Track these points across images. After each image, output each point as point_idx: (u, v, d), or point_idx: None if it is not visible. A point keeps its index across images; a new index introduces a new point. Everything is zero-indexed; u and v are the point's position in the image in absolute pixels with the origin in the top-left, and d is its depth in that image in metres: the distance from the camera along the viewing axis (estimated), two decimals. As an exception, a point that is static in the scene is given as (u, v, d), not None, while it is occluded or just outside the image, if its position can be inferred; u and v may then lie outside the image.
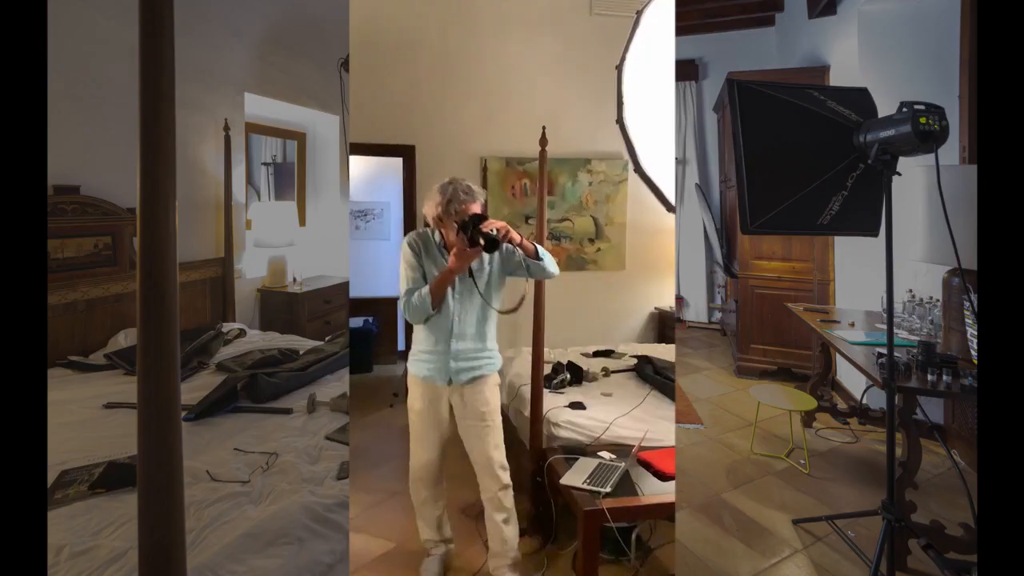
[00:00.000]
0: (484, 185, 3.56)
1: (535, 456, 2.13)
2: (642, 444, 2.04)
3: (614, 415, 2.29)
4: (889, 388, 1.63)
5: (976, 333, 1.93)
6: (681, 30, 5.43)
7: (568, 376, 2.67)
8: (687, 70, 5.63)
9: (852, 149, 1.69)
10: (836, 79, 3.62)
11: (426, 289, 1.75)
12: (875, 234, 1.77)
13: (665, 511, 1.87)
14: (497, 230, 1.65)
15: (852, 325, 2.61)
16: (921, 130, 1.46)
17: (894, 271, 1.63)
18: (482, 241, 1.63)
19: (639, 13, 1.11)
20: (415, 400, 1.90)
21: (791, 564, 1.94)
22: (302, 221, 4.63)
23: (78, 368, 2.59)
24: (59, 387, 2.34)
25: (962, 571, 1.68)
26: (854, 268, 3.42)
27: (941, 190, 1.52)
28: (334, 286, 4.20)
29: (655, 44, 1.09)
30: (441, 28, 3.59)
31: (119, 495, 1.53)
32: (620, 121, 1.09)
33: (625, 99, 1.09)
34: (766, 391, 2.77)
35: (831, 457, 2.73)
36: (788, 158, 1.67)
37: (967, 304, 1.96)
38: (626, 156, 1.09)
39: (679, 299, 5.70)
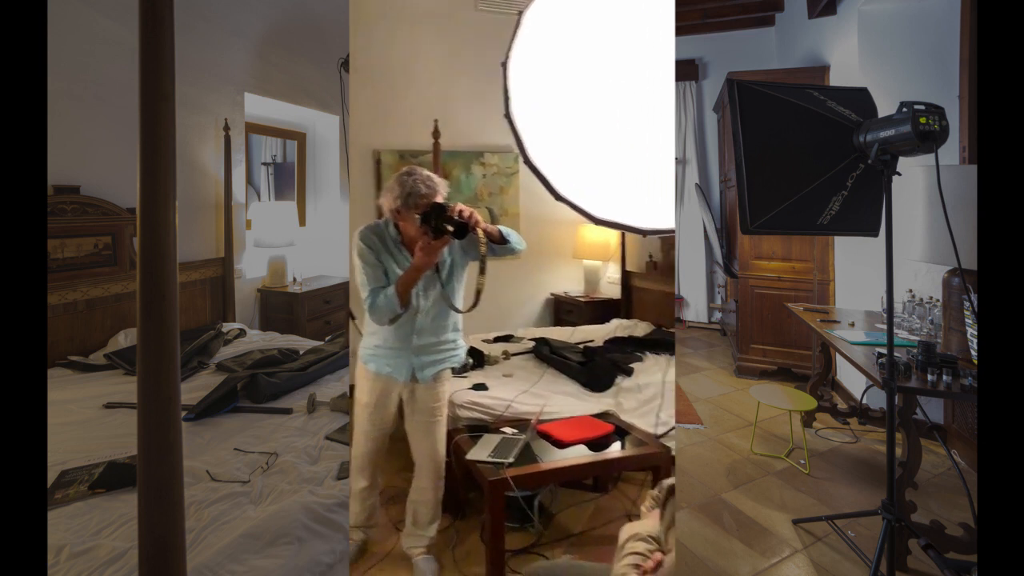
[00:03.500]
0: (377, 178, 3.58)
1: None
2: (540, 417, 2.16)
3: (514, 393, 2.40)
4: (889, 388, 1.63)
5: (976, 333, 1.93)
6: (681, 30, 5.43)
7: (471, 361, 2.76)
8: (687, 70, 5.63)
9: (852, 149, 1.69)
10: (836, 79, 3.62)
11: (392, 289, 1.68)
12: (875, 234, 1.77)
13: (563, 475, 2.01)
14: (462, 214, 1.58)
15: (852, 325, 2.61)
16: (921, 130, 1.46)
17: (894, 271, 1.63)
18: (450, 228, 1.58)
19: (520, 14, 1.16)
20: (363, 394, 1.86)
21: (791, 564, 1.94)
22: (302, 221, 4.63)
23: (78, 368, 2.59)
24: (59, 387, 2.34)
25: (962, 571, 1.68)
26: (854, 268, 3.42)
27: (941, 190, 1.52)
28: (334, 286, 4.20)
29: (544, 42, 1.15)
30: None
31: (119, 495, 1.53)
32: (508, 115, 1.13)
33: (512, 94, 1.13)
34: (766, 391, 2.77)
35: (831, 457, 2.73)
36: (788, 158, 1.67)
37: (967, 304, 1.96)
38: (516, 149, 1.12)
39: (679, 299, 5.70)
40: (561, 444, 2.07)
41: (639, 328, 3.59)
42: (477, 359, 2.82)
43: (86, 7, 2.78)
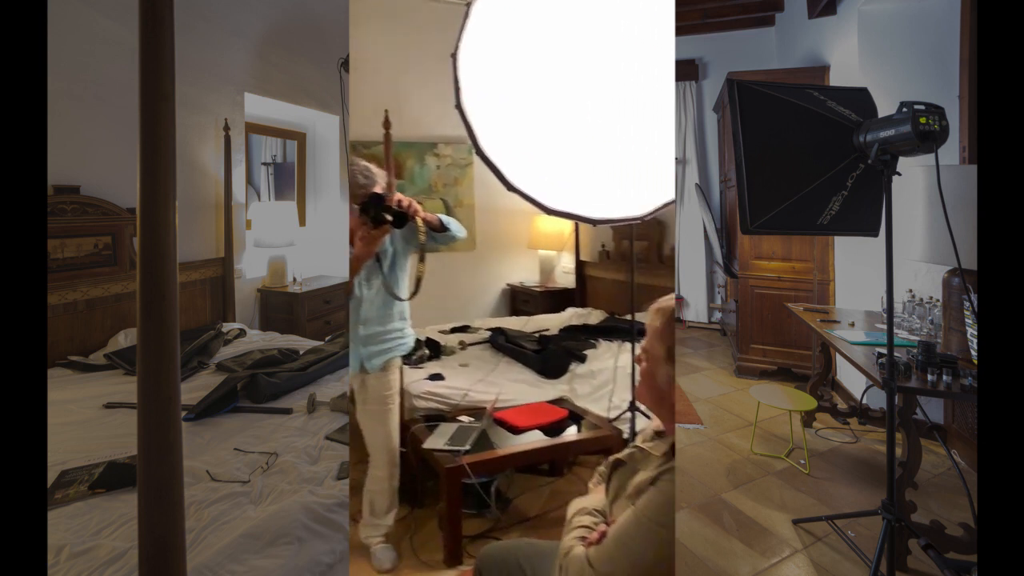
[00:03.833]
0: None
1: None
2: (496, 405, 2.19)
3: (471, 382, 2.44)
4: (889, 388, 1.63)
5: (976, 333, 1.93)
6: (681, 30, 5.43)
7: (427, 352, 2.80)
8: (687, 70, 5.63)
9: (852, 149, 1.69)
10: (836, 79, 3.62)
11: None
12: (875, 234, 1.77)
13: (519, 460, 2.05)
14: (401, 203, 1.59)
15: (852, 325, 2.61)
16: (921, 130, 1.46)
17: (894, 271, 1.63)
18: (389, 218, 1.58)
19: (469, 5, 1.16)
20: None
21: (791, 564, 1.94)
22: (302, 221, 4.63)
23: (78, 368, 2.59)
24: (59, 387, 2.34)
25: (962, 571, 1.68)
26: (854, 268, 3.42)
27: (941, 190, 1.52)
28: (334, 286, 4.20)
29: (493, 33, 1.16)
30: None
31: (119, 495, 1.53)
32: (459, 106, 1.13)
33: (463, 85, 1.13)
34: (766, 391, 2.77)
35: (831, 457, 2.73)
36: (788, 158, 1.67)
37: (967, 304, 1.96)
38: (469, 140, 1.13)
39: (679, 299, 5.70)
40: (517, 430, 2.11)
41: (593, 316, 3.66)
42: (434, 350, 2.85)
43: (86, 7, 2.78)
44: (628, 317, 3.14)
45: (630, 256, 1.91)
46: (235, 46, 3.74)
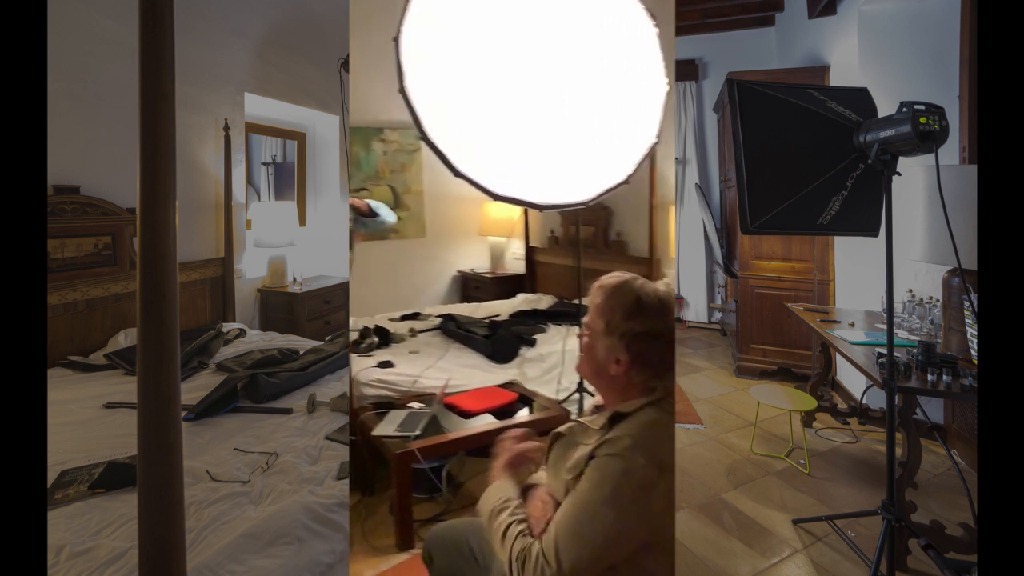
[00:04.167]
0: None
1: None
2: (446, 390, 2.20)
3: (421, 369, 2.44)
4: (889, 388, 1.63)
5: (976, 333, 1.93)
6: (681, 30, 5.43)
7: (376, 339, 2.80)
8: (687, 70, 5.63)
9: (852, 149, 1.69)
10: (836, 79, 3.62)
11: None
12: (875, 234, 1.77)
13: (469, 443, 2.05)
14: None
15: (852, 325, 2.61)
16: (921, 130, 1.46)
17: (894, 271, 1.63)
18: None
19: None
20: None
21: (791, 564, 1.94)
22: (302, 221, 4.63)
23: (78, 368, 2.59)
24: (59, 387, 2.34)
25: (962, 571, 1.68)
26: (854, 268, 3.42)
27: (941, 190, 1.52)
28: (334, 286, 4.20)
29: (436, 16, 1.15)
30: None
31: (119, 495, 1.53)
32: (402, 90, 1.11)
33: (405, 69, 1.11)
34: (766, 391, 2.77)
35: (831, 457, 2.73)
36: (788, 158, 1.67)
37: (967, 304, 1.96)
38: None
39: (679, 299, 5.70)
40: (467, 414, 2.12)
41: (543, 301, 3.70)
42: (383, 338, 2.86)
43: (86, 7, 2.78)
44: (576, 301, 3.17)
45: (577, 242, 1.93)
46: (235, 46, 3.74)
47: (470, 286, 4.20)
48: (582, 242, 3.62)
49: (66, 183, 2.71)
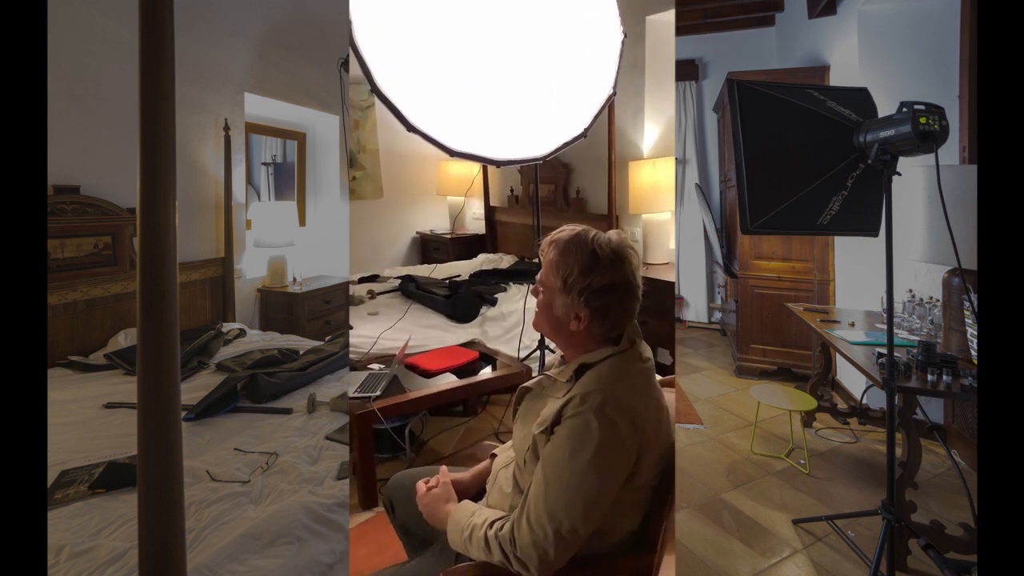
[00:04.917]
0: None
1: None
2: (407, 351, 2.21)
3: (380, 330, 2.45)
4: (889, 388, 1.63)
5: (976, 333, 1.93)
6: (681, 30, 5.43)
7: None
8: (687, 70, 5.63)
9: (852, 149, 1.69)
10: (836, 79, 3.62)
11: None
12: (875, 234, 1.77)
13: (430, 402, 2.07)
14: None
15: (852, 325, 2.61)
16: (921, 130, 1.46)
17: (894, 271, 1.63)
18: None
19: None
20: None
21: (791, 564, 1.94)
22: (302, 221, 4.63)
23: (78, 368, 2.59)
24: (59, 387, 2.34)
25: (962, 571, 1.68)
26: (854, 268, 3.42)
27: (941, 190, 1.52)
28: (334, 286, 4.20)
29: None
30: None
31: (119, 495, 1.53)
32: (352, 43, 1.08)
33: (355, 20, 1.07)
34: (766, 391, 2.77)
35: (831, 457, 2.73)
36: (788, 158, 1.67)
37: (967, 304, 1.96)
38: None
39: (679, 299, 5.70)
40: (428, 374, 2.13)
41: (504, 261, 3.69)
42: None
43: (86, 7, 2.78)
44: (537, 260, 3.23)
45: (535, 199, 1.91)
46: (235, 46, 3.74)
47: (430, 247, 4.16)
48: (542, 200, 3.60)
49: (66, 183, 2.71)
